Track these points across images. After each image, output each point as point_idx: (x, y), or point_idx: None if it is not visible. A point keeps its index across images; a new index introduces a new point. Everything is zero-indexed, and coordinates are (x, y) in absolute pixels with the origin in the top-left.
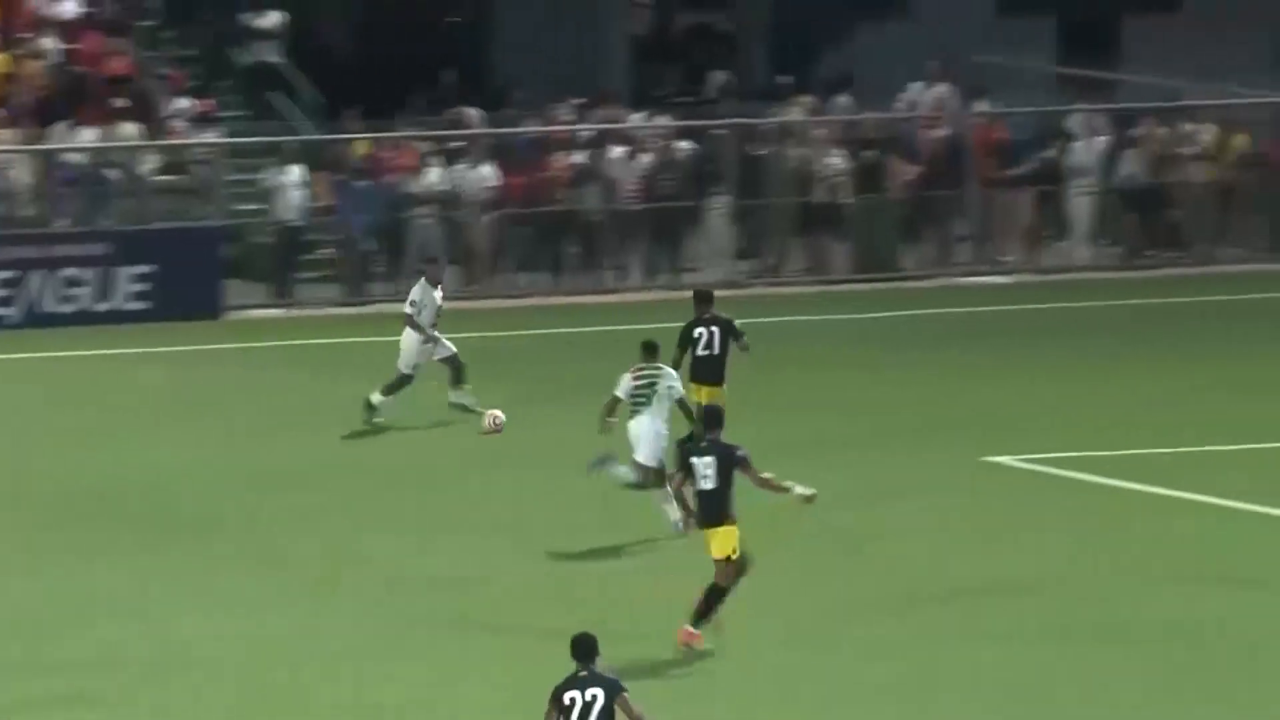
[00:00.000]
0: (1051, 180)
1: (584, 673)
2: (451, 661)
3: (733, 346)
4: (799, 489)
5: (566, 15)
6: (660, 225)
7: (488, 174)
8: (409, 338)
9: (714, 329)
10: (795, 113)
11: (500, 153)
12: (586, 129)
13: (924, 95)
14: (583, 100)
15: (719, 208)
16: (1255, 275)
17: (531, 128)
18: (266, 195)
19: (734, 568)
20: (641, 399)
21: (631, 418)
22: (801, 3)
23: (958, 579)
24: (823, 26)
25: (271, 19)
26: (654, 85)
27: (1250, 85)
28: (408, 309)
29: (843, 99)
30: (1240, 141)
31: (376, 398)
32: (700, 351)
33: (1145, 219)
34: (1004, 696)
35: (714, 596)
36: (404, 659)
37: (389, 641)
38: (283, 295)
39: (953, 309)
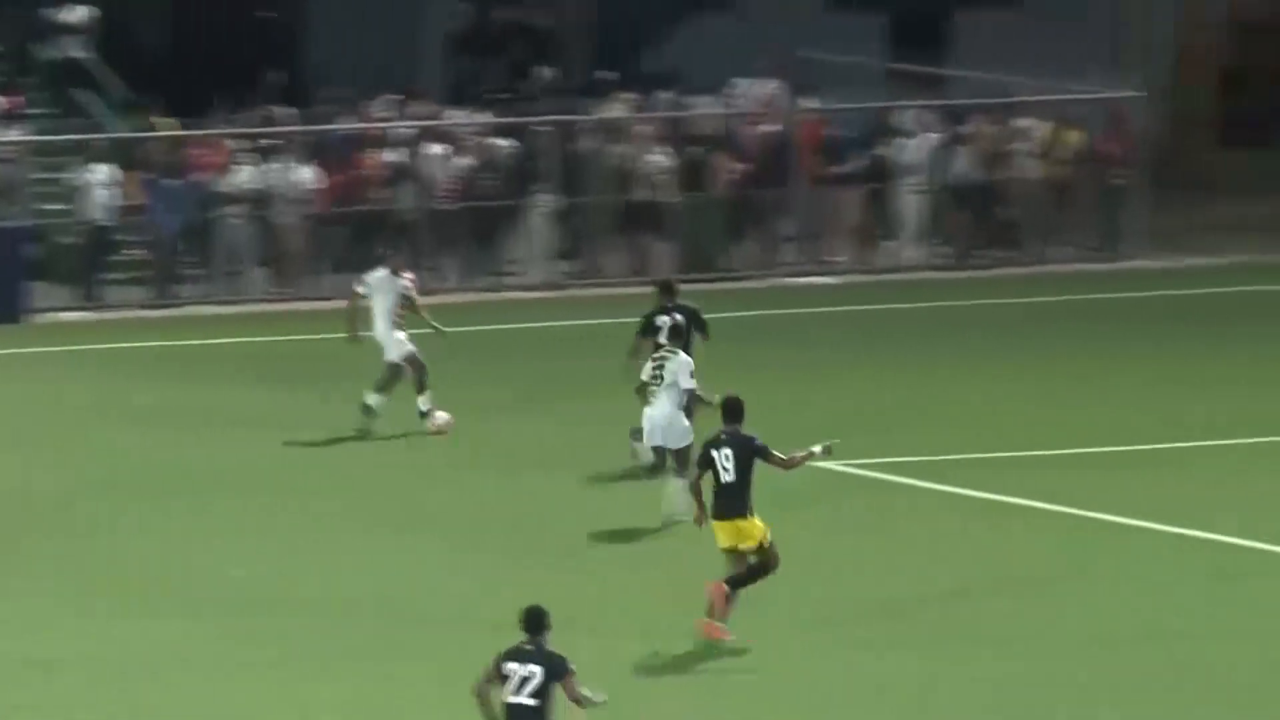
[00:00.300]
0: (881, 178)
1: (529, 646)
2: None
3: (696, 336)
4: (816, 449)
5: (381, 10)
6: (479, 225)
7: (305, 174)
8: (380, 328)
9: (678, 316)
10: (618, 109)
11: (314, 151)
12: (402, 126)
13: (751, 91)
14: (398, 96)
15: (540, 207)
16: (1087, 275)
17: (345, 125)
18: (73, 194)
19: (772, 551)
20: (655, 381)
21: (648, 405)
22: None
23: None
24: (647, 21)
25: (79, 14)
26: (473, 81)
27: (1084, 81)
28: (358, 288)
29: (667, 95)
30: (1074, 138)
31: (372, 398)
32: (663, 341)
33: (977, 217)
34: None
35: (753, 575)
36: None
37: (217, 654)
38: (90, 297)
39: (780, 310)
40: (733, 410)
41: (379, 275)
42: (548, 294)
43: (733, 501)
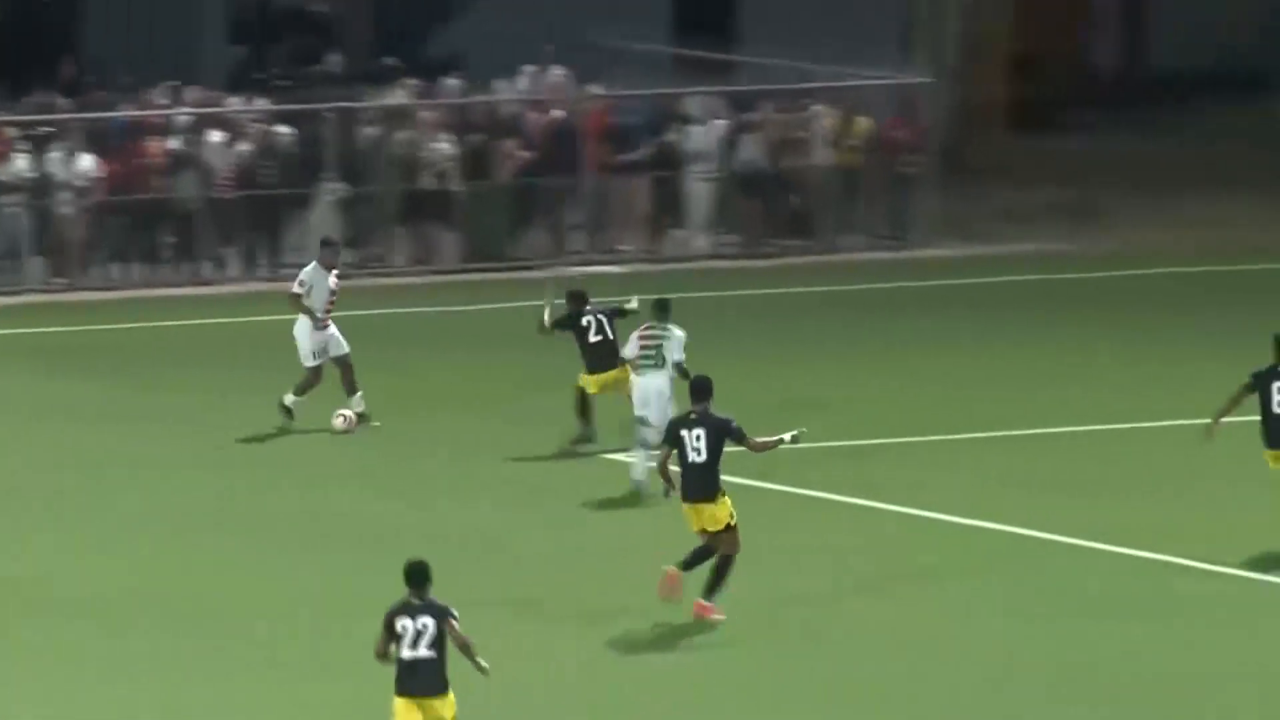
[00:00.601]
0: (669, 166)
1: (416, 601)
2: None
3: (619, 324)
4: (786, 436)
5: None
6: (260, 214)
7: (84, 162)
8: (300, 327)
9: (600, 315)
10: (400, 96)
11: (93, 139)
12: (181, 113)
13: (536, 78)
14: (177, 83)
15: (323, 196)
16: (877, 263)
17: (124, 112)
18: None
19: (735, 534)
20: (647, 358)
21: (640, 375)
22: None
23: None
24: (430, 6)
25: None
26: (254, 68)
27: (874, 66)
28: (296, 288)
29: (451, 81)
30: (863, 125)
31: (289, 399)
32: (593, 339)
33: (767, 205)
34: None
35: (725, 567)
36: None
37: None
38: None
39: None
40: (701, 389)
41: (311, 270)
42: None
43: (702, 483)
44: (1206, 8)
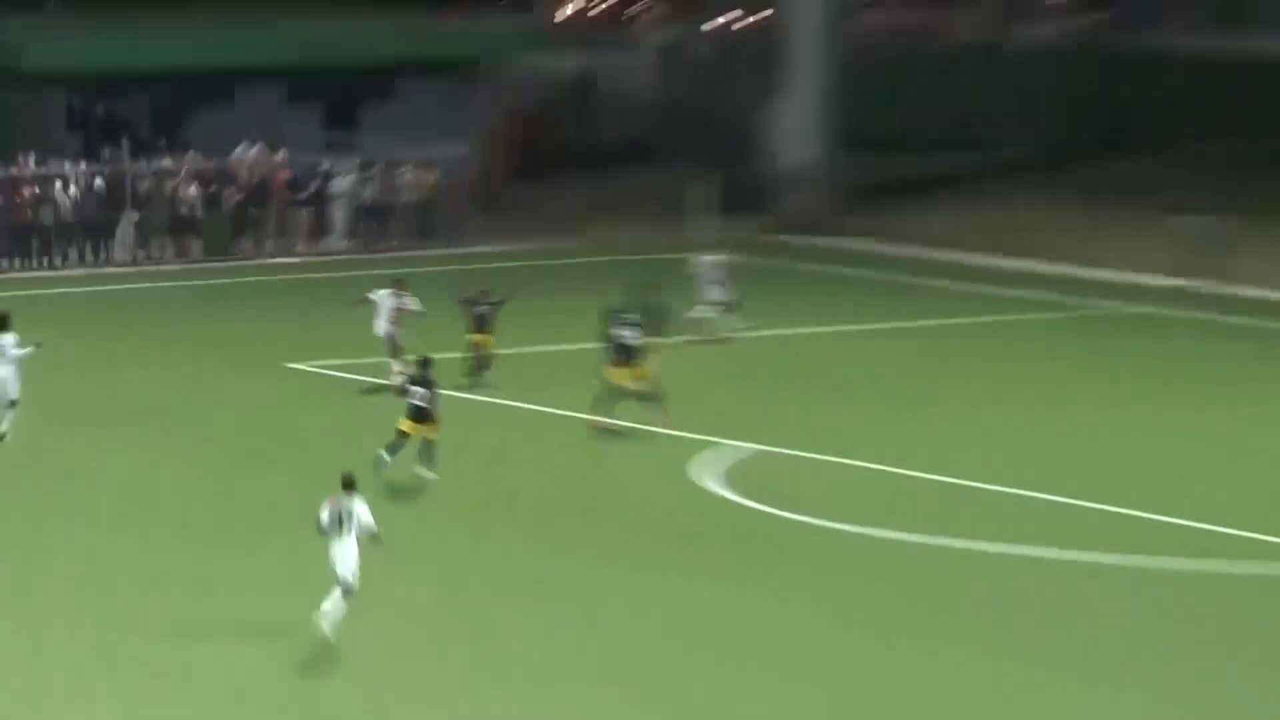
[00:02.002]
0: (322, 200)
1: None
2: None
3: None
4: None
5: None
6: (89, 231)
7: None
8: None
9: (484, 307)
10: (168, 161)
11: None
12: (41, 171)
13: (246, 150)
14: (37, 153)
15: (126, 219)
16: (442, 255)
17: (5, 171)
18: None
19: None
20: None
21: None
22: None
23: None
24: (183, 110)
25: None
26: (82, 144)
27: (442, 145)
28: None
29: (193, 152)
30: (433, 178)
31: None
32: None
33: (379, 223)
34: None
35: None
36: None
37: None
38: None
39: None
40: (422, 369)
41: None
42: None
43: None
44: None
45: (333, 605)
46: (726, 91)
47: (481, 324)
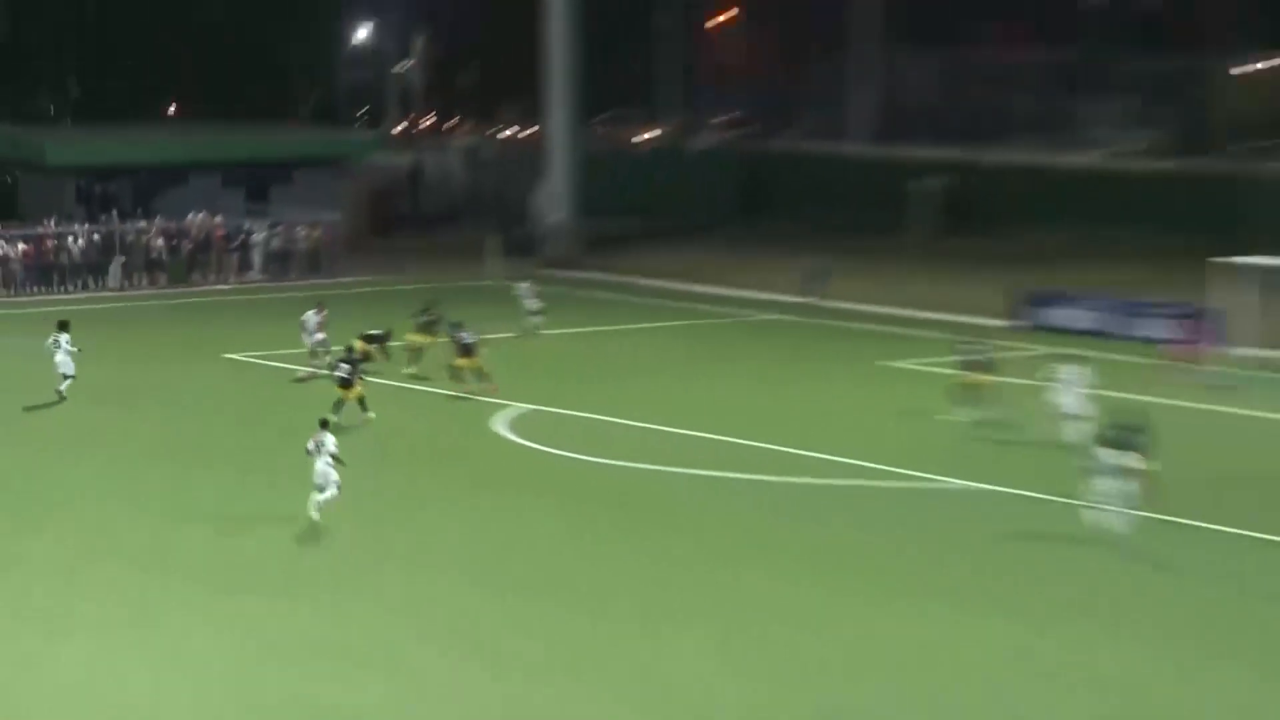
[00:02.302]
0: (245, 249)
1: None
2: None
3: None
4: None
5: None
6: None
7: None
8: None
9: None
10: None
11: None
12: None
13: (195, 219)
14: None
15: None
16: (323, 285)
17: None
18: None
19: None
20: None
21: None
22: None
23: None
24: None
25: None
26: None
27: (320, 212)
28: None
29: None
30: (317, 233)
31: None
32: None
33: (283, 264)
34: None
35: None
36: None
37: None
38: None
39: None
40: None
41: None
42: None
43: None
44: (445, 189)
45: (314, 501)
46: (510, 177)
47: (427, 329)
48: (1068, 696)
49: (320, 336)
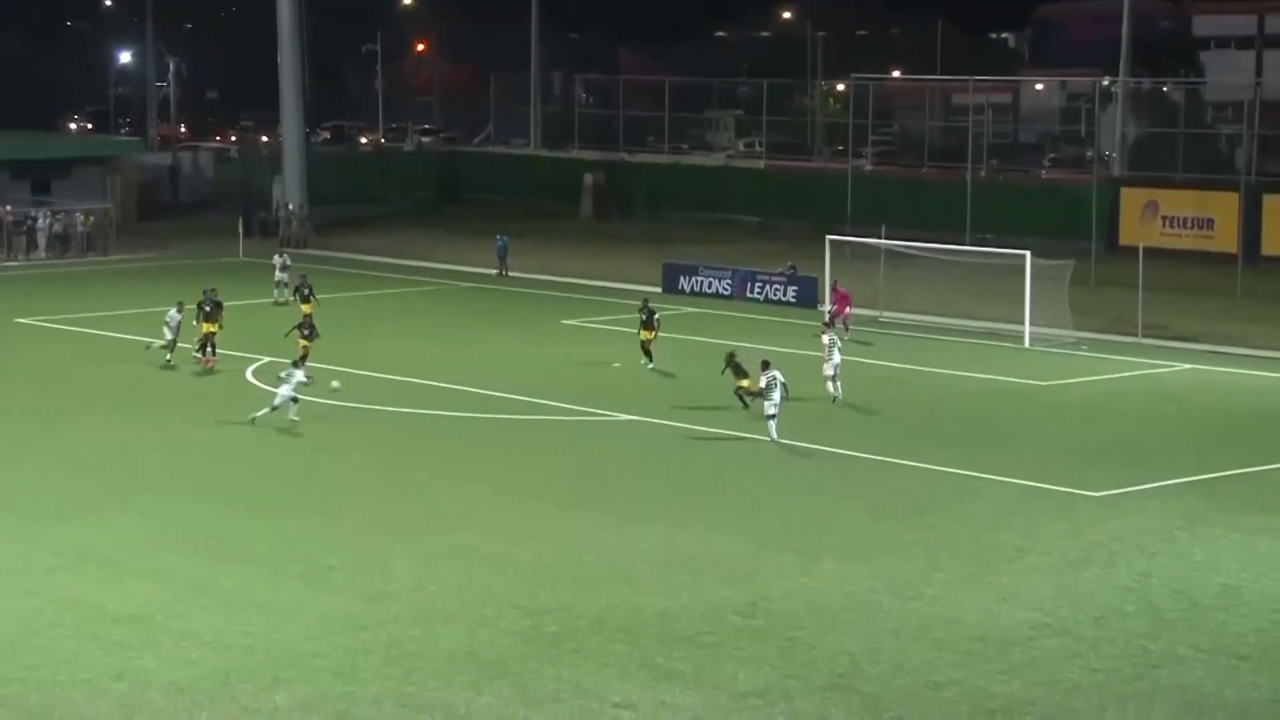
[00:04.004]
0: None
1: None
2: None
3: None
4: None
5: None
6: None
7: None
8: None
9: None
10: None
11: None
12: None
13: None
14: None
15: None
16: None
17: None
18: None
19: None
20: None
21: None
22: None
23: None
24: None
25: None
26: None
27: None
28: None
29: None
30: (93, 218)
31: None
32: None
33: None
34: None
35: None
36: None
37: None
38: None
39: None
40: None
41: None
42: None
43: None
44: (200, 182)
45: (263, 411)
46: (254, 173)
47: (306, 298)
48: (701, 576)
49: (282, 278)
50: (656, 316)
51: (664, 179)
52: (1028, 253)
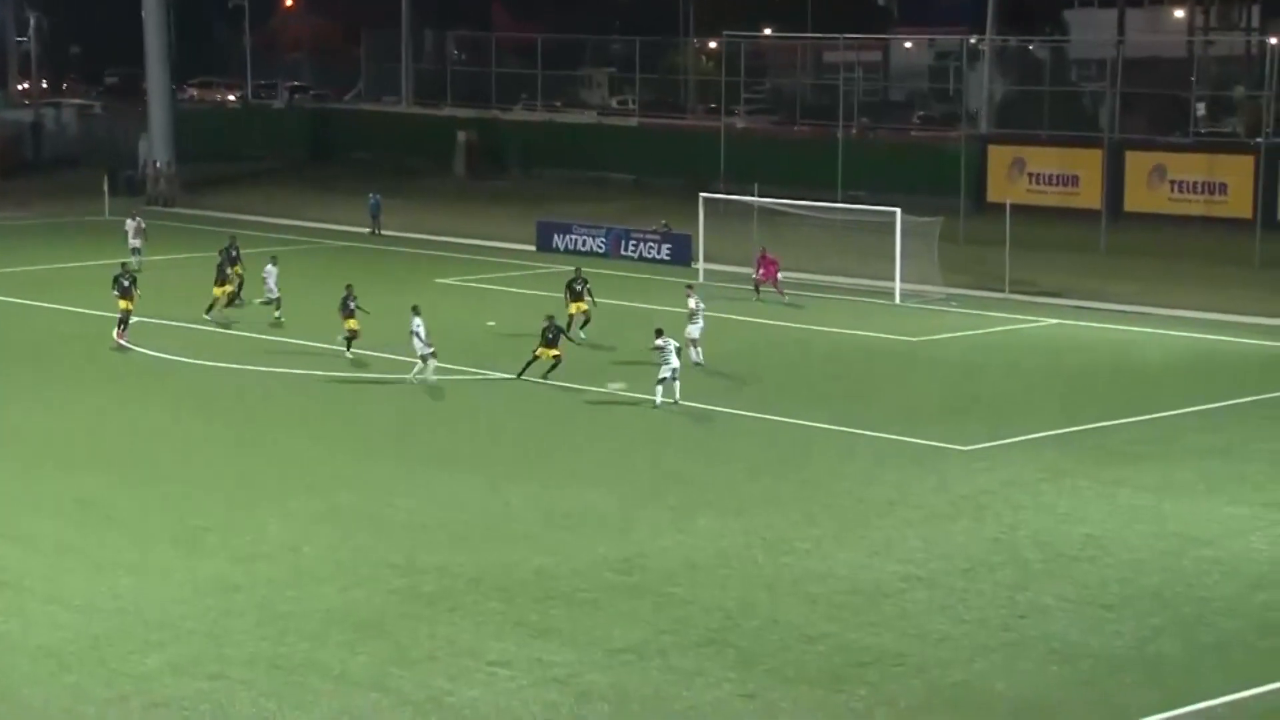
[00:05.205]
0: None
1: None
2: None
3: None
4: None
5: None
6: None
7: None
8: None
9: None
10: None
11: None
12: None
13: None
14: None
15: None
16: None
17: None
18: None
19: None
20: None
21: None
22: None
23: None
24: None
25: None
26: None
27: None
28: None
29: None
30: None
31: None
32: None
33: None
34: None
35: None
36: None
37: None
38: None
39: None
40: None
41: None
42: None
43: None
44: (63, 139)
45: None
46: (121, 130)
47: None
48: (577, 533)
49: (136, 244)
50: (589, 286)
51: (537, 137)
52: (898, 210)
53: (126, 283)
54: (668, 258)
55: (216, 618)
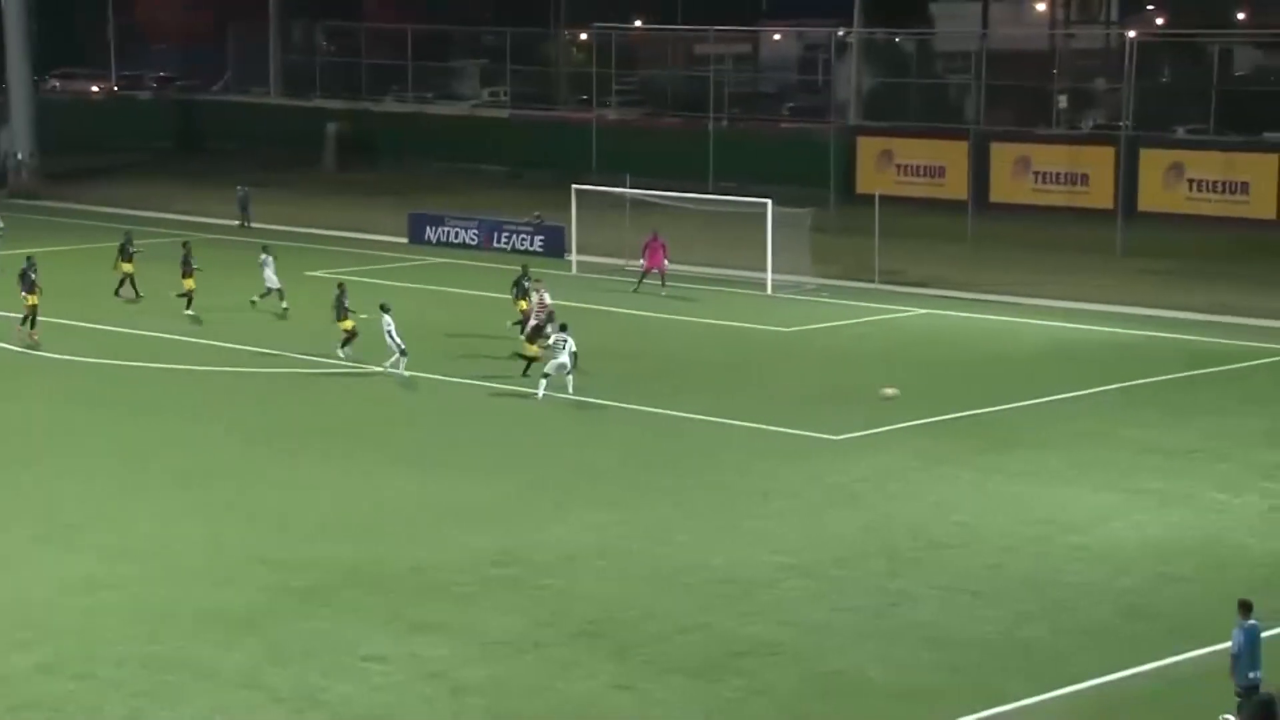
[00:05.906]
0: None
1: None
2: None
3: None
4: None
5: None
6: None
7: None
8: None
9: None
10: None
11: None
12: None
13: None
14: None
15: None
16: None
17: None
18: None
19: None
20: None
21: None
22: None
23: None
24: None
25: None
26: None
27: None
28: None
29: None
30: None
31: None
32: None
33: None
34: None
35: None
36: None
37: None
38: None
39: None
40: None
41: None
42: None
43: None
44: None
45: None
46: None
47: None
48: (455, 526)
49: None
50: (535, 283)
51: (409, 128)
52: (769, 201)
53: (33, 275)
54: (540, 249)
55: (86, 616)
